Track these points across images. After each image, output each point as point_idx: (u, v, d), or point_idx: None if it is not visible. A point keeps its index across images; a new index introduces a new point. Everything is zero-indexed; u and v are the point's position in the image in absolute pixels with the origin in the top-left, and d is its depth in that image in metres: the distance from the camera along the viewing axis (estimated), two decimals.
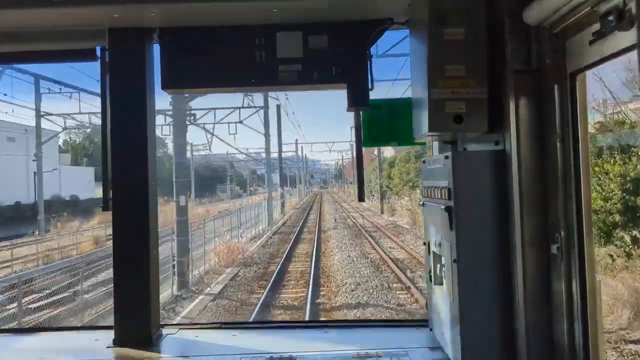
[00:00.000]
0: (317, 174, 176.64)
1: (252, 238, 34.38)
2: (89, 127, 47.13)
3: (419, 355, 3.21)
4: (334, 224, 42.28)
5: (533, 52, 2.54)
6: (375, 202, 59.31)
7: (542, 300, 2.53)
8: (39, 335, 4.06)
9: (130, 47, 3.42)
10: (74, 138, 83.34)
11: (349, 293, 17.56)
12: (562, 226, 2.42)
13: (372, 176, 62.26)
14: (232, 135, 37.07)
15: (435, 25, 2.72)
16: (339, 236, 33.25)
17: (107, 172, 3.45)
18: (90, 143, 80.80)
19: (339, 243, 29.86)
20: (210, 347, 3.49)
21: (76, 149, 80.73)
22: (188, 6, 3.07)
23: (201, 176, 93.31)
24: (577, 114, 2.37)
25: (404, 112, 3.43)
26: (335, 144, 70.29)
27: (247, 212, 38.70)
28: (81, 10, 3.04)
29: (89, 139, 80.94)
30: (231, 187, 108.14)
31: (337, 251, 26.69)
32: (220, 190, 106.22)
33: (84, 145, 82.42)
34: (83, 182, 63.69)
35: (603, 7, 1.98)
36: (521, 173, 2.54)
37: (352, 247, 27.65)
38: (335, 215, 52.97)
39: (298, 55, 3.34)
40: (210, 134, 41.68)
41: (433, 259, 3.12)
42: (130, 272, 3.48)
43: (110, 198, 3.45)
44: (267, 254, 27.28)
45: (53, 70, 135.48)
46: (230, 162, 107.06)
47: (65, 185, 58.13)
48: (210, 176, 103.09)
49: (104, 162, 3.47)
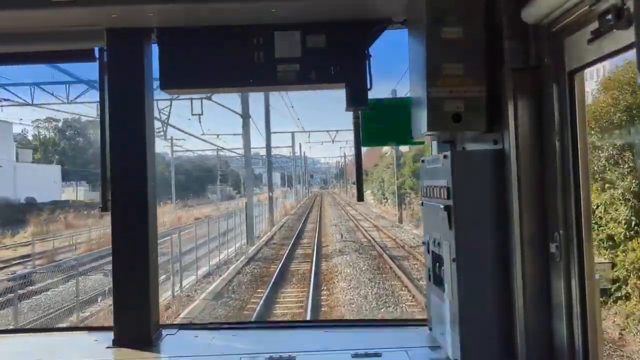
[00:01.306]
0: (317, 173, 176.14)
1: (207, 274, 20.51)
2: (59, 121, 43.06)
3: (419, 355, 3.21)
4: (340, 241, 29.06)
5: (531, 50, 2.54)
6: (390, 208, 47.16)
7: (541, 299, 2.53)
8: (38, 336, 4.06)
9: (129, 48, 3.41)
10: (44, 133, 74.84)
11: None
12: (561, 225, 2.42)
13: (386, 175, 51.26)
14: (196, 117, 30.49)
15: (433, 25, 2.71)
16: (352, 268, 20.24)
17: (106, 172, 3.45)
18: (61, 138, 73.71)
19: (354, 284, 17.50)
20: (210, 347, 3.48)
21: (46, 145, 72.91)
22: (186, 6, 3.07)
23: (192, 176, 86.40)
24: (576, 113, 2.37)
25: (403, 112, 3.43)
26: (339, 133, 61.68)
27: (226, 221, 27.45)
28: (79, 10, 3.03)
29: (60, 134, 73.70)
30: (222, 188, 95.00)
31: (352, 307, 15.08)
32: (211, 191, 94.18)
33: (54, 140, 73.73)
34: (46, 182, 55.21)
35: (601, 5, 1.97)
36: (520, 172, 2.54)
37: (380, 297, 15.80)
38: (339, 225, 39.38)
39: (296, 55, 3.34)
40: (164, 119, 34.05)
41: (432, 259, 3.12)
42: (129, 273, 3.48)
43: (109, 199, 3.45)
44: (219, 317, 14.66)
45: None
46: (225, 160, 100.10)
47: (22, 186, 50.83)
48: (202, 176, 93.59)
49: (103, 163, 3.46)
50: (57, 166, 62.61)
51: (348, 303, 15.59)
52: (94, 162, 69.96)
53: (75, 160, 71.26)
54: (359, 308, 14.99)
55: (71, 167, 68.31)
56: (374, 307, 14.98)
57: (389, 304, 15.29)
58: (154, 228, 3.59)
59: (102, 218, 44.44)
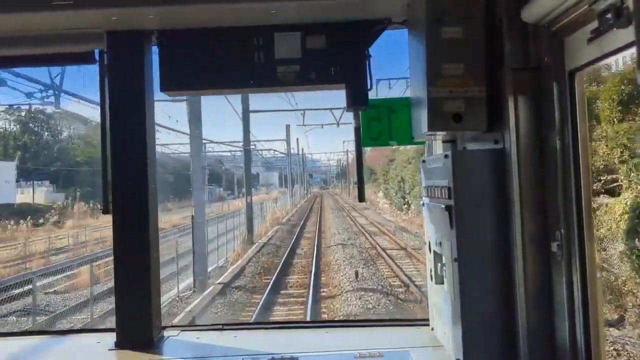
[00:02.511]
0: (317, 173, 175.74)
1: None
2: (22, 112, 35.32)
3: (421, 355, 3.21)
4: (356, 289, 17.29)
5: (531, 50, 2.54)
6: (414, 216, 34.54)
7: (543, 298, 2.53)
8: (41, 338, 4.06)
9: (129, 50, 3.42)
10: (2, 125, 63.94)
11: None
12: (563, 224, 2.42)
13: (407, 174, 37.37)
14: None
15: (433, 25, 2.71)
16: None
17: (107, 175, 3.46)
18: (23, 132, 62.97)
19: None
20: (212, 349, 3.49)
21: (7, 139, 62.38)
22: (186, 8, 3.07)
23: (181, 174, 74.26)
24: (576, 112, 2.37)
25: (403, 112, 3.43)
26: (345, 115, 37.21)
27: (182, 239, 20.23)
28: (79, 13, 3.04)
29: (21, 127, 63.32)
30: (211, 189, 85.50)
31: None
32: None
33: (14, 134, 63.17)
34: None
35: (601, 5, 1.98)
36: (521, 171, 2.54)
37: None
38: (349, 247, 26.31)
39: (296, 55, 3.34)
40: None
41: (434, 258, 3.12)
42: (131, 275, 3.48)
43: (110, 201, 3.45)
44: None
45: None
46: (219, 159, 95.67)
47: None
48: (189, 175, 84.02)
49: (104, 165, 3.47)
50: (11, 163, 53.02)
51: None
52: (60, 159, 63.74)
53: (38, 156, 62.52)
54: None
55: (33, 164, 59.84)
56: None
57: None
58: (155, 229, 3.60)
59: (62, 226, 41.74)
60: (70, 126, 70.89)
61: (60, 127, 70.53)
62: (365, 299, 16.24)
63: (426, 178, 3.29)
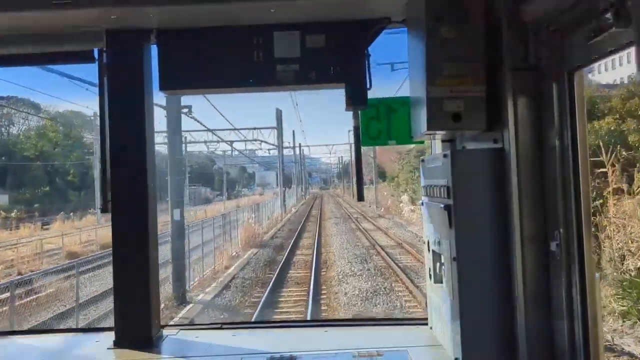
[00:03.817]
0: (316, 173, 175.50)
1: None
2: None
3: (419, 354, 3.21)
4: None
5: (531, 50, 2.54)
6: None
7: (542, 298, 2.53)
8: (39, 337, 4.06)
9: (128, 49, 3.42)
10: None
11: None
12: (562, 223, 2.42)
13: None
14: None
15: (433, 24, 2.72)
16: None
17: (106, 173, 3.46)
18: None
19: None
20: (211, 348, 3.49)
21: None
22: (185, 7, 3.07)
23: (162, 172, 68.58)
24: (576, 111, 2.37)
25: (403, 111, 3.43)
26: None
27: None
28: (79, 12, 3.03)
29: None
30: (195, 189, 78.71)
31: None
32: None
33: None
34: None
35: (601, 4, 1.98)
36: (520, 171, 2.54)
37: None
38: (372, 295, 16.02)
39: (296, 55, 3.34)
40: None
41: (433, 258, 3.12)
42: (130, 274, 3.48)
43: (110, 200, 3.45)
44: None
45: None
46: (211, 158, 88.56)
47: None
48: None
49: (103, 164, 3.47)
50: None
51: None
52: (5, 153, 56.45)
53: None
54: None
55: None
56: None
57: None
58: (155, 228, 3.60)
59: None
60: (17, 115, 62.33)
61: (16, 114, 61.58)
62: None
63: (425, 177, 3.29)
